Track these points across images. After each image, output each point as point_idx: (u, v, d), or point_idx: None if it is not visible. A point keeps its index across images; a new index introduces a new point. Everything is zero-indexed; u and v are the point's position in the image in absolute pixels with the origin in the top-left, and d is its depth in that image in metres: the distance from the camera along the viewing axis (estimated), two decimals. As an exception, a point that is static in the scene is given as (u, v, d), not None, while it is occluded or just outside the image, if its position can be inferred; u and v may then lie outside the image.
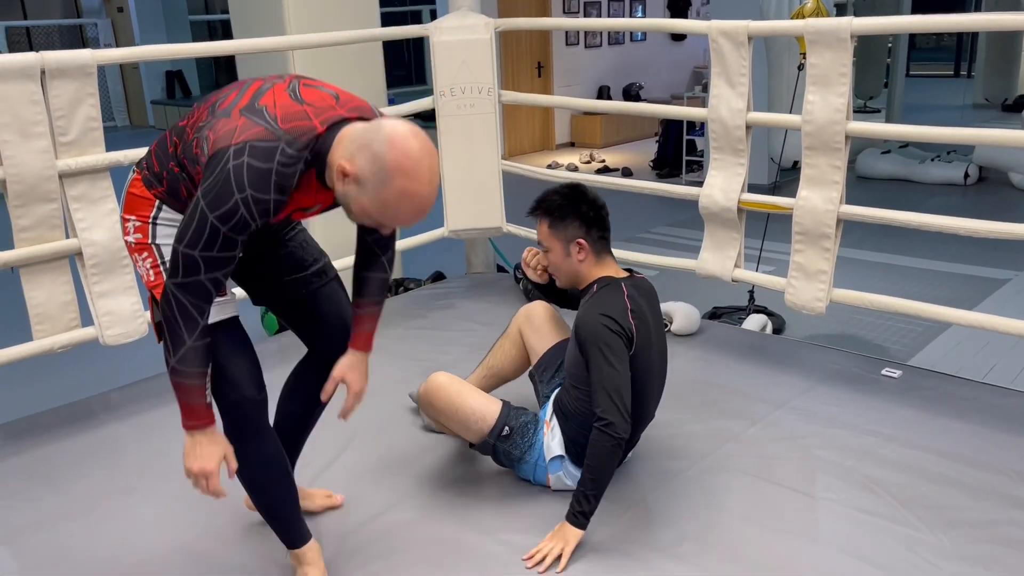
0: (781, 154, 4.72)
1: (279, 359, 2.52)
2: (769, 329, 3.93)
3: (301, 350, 2.15)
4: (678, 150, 8.62)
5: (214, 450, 1.76)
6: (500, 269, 4.71)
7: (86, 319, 2.97)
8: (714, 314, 4.18)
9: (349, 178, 1.60)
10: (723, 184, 3.14)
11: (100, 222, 2.86)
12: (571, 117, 10.58)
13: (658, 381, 2.41)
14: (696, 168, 8.39)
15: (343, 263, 2.33)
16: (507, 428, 2.34)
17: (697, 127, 8.59)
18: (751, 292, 4.14)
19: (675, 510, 2.31)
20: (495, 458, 2.40)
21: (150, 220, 1.83)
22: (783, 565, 2.07)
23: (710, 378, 3.14)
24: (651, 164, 8.87)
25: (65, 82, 2.72)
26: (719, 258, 3.24)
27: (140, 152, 3.00)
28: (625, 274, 2.35)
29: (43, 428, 2.92)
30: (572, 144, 10.61)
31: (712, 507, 2.32)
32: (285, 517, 2.01)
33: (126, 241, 1.86)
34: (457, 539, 2.22)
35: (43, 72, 2.68)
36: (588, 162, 9.18)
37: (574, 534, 2.11)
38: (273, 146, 1.60)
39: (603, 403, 2.11)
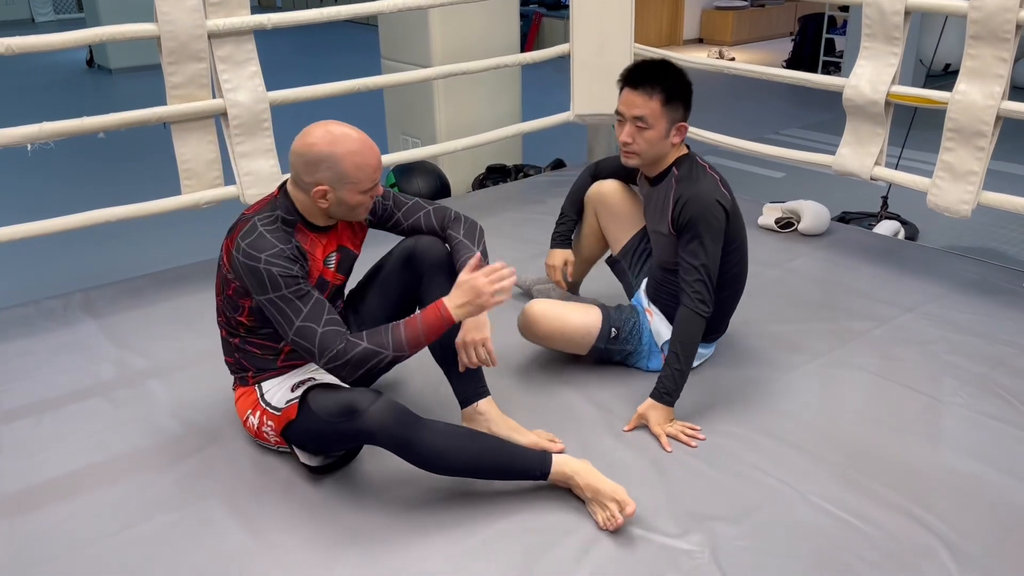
0: (934, 54, 4.39)
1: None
2: (902, 236, 3.76)
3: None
4: (815, 50, 8.15)
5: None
6: (622, 160, 4.64)
7: (228, 178, 3.13)
8: (843, 218, 4.02)
9: (325, 189, 1.85)
10: (872, 75, 2.96)
11: (244, 84, 2.96)
12: (701, 11, 10.11)
13: (746, 255, 2.37)
14: (834, 70, 7.93)
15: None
16: (614, 330, 2.36)
17: (839, 25, 8.07)
18: (884, 198, 3.96)
19: (793, 401, 2.30)
20: (610, 360, 2.43)
21: (259, 400, 2.03)
22: (900, 461, 2.04)
23: (836, 279, 3.06)
24: (785, 64, 8.42)
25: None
26: (859, 154, 3.09)
27: (277, 17, 3.05)
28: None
29: (190, 278, 3.13)
30: (701, 40, 10.17)
31: (832, 401, 2.30)
32: (502, 461, 1.91)
33: (263, 434, 2.05)
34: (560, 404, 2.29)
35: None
36: (717, 59, 8.81)
37: (667, 413, 2.14)
38: (251, 226, 1.88)
39: (696, 283, 2.13)
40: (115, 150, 5.69)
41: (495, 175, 4.56)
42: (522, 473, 1.92)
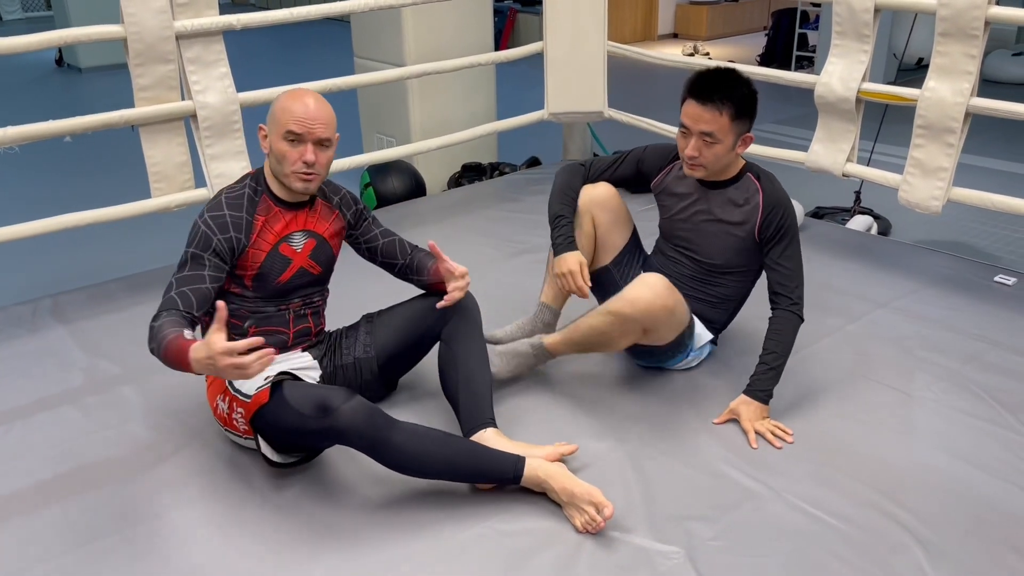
0: (905, 48, 4.42)
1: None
2: (875, 231, 3.79)
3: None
4: (788, 44, 8.20)
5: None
6: (596, 156, 4.65)
7: (199, 181, 3.09)
8: (816, 214, 4.05)
9: (264, 130, 1.97)
10: (843, 72, 2.98)
11: (213, 85, 2.93)
12: (676, 6, 10.14)
13: None
14: (807, 65, 7.99)
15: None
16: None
17: (811, 20, 8.13)
18: (857, 193, 3.99)
19: (767, 397, 2.31)
20: (641, 355, 2.39)
21: (228, 386, 2.01)
22: (874, 456, 2.06)
23: (809, 275, 3.01)
24: (758, 59, 8.47)
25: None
26: (831, 151, 3.11)
27: (247, 17, 3.02)
28: None
29: (161, 282, 3.09)
30: (675, 35, 10.20)
31: (805, 399, 2.31)
32: (474, 464, 1.90)
33: (232, 421, 2.01)
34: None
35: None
36: (691, 55, 8.84)
37: (761, 411, 2.18)
38: (218, 193, 2.01)
39: (798, 288, 2.21)
40: (82, 152, 5.61)
41: (471, 173, 4.55)
42: (495, 476, 1.91)
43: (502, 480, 1.91)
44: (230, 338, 1.96)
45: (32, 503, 1.96)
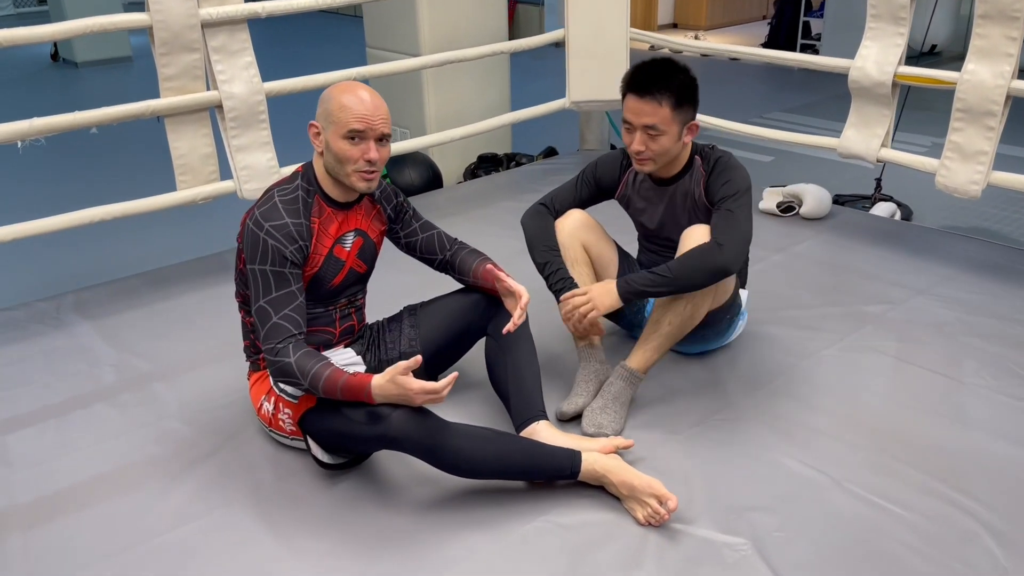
0: (926, 34, 4.39)
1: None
2: (898, 217, 3.77)
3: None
4: (792, 33, 8.17)
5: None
6: (613, 147, 4.61)
7: (225, 173, 3.03)
8: (837, 201, 4.02)
9: (317, 128, 1.87)
10: (878, 56, 2.94)
11: (239, 75, 2.87)
12: (677, -6, 10.09)
13: None
14: (811, 54, 7.94)
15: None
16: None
17: (816, 7, 8.09)
18: (878, 179, 3.96)
19: (816, 387, 2.28)
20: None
21: (273, 386, 1.97)
22: (930, 445, 2.03)
23: (844, 262, 3.05)
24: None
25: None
26: (865, 136, 3.08)
27: (272, 4, 2.97)
28: None
29: (185, 277, 3.04)
30: (675, 25, 10.16)
31: (854, 386, 2.28)
32: (530, 462, 1.85)
33: (278, 422, 1.99)
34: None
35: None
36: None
37: (612, 297, 2.07)
38: (269, 195, 1.90)
39: (730, 233, 2.04)
40: (104, 145, 5.50)
41: (487, 164, 4.50)
42: (551, 473, 1.88)
43: (559, 476, 1.88)
44: None
45: (78, 503, 1.91)
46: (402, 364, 1.71)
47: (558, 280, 2.18)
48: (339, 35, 10.25)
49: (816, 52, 7.88)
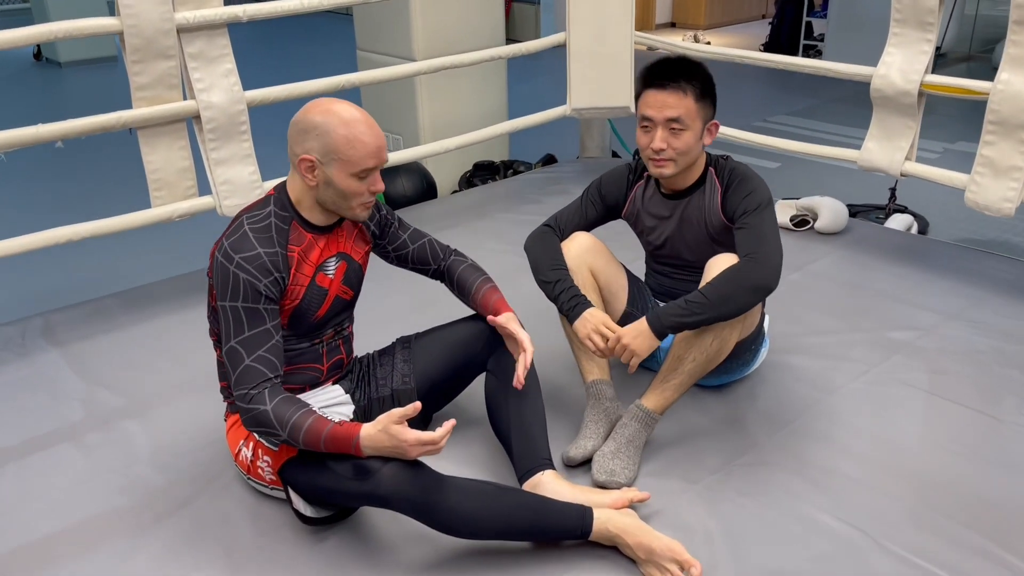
0: (943, 36, 4.21)
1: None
2: (915, 230, 3.59)
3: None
4: (793, 33, 8.00)
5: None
6: (615, 155, 4.43)
7: (204, 188, 2.84)
8: (848, 212, 3.84)
9: (311, 162, 1.65)
10: (902, 64, 2.75)
11: (218, 83, 2.67)
12: (675, -7, 9.91)
13: None
14: (814, 54, 7.77)
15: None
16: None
17: (818, 7, 7.92)
18: (892, 189, 3.78)
19: (844, 426, 2.10)
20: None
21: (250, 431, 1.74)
22: (974, 492, 1.85)
23: (864, 282, 2.87)
24: (762, 49, 8.26)
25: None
26: (887, 149, 2.89)
27: (253, 8, 2.78)
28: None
29: (163, 298, 2.84)
30: (673, 24, 9.97)
31: (885, 425, 2.10)
32: (536, 521, 1.67)
33: (257, 470, 1.81)
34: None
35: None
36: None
37: (647, 339, 1.86)
38: (238, 224, 1.70)
39: (765, 247, 1.88)
40: (74, 158, 5.29)
41: (483, 173, 4.31)
42: (560, 533, 1.69)
43: (568, 537, 1.69)
44: None
45: (35, 563, 1.71)
46: (396, 412, 1.53)
47: (570, 299, 1.98)
48: (330, 33, 10.04)
49: (819, 53, 7.71)
